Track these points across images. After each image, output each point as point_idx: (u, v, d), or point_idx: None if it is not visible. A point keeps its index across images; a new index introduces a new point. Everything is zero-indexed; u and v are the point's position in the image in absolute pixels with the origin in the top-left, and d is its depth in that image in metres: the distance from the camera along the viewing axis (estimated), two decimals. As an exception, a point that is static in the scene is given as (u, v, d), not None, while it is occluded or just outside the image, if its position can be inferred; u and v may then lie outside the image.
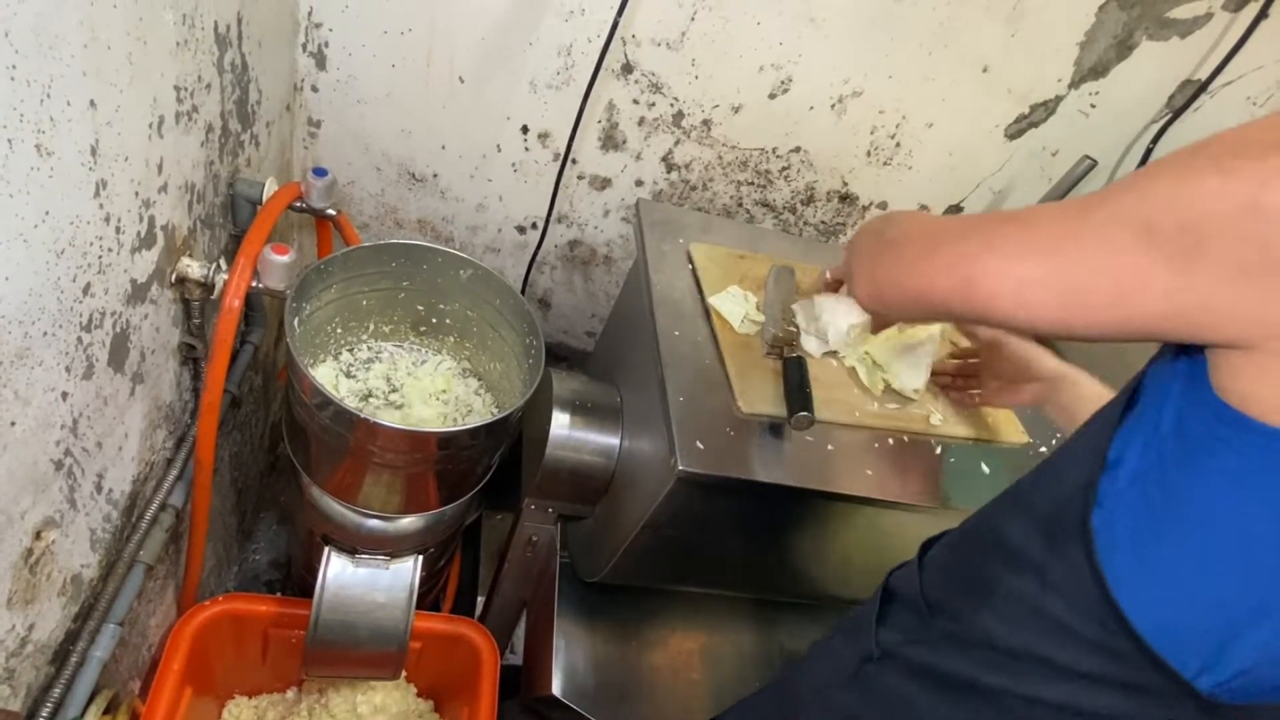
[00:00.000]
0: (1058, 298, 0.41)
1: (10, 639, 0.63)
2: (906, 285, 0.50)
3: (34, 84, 0.47)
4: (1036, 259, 0.42)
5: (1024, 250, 0.42)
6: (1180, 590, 0.41)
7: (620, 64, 1.02)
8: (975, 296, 0.44)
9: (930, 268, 0.48)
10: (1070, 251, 0.40)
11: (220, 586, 1.25)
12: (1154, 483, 0.42)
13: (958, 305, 0.46)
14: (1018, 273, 0.42)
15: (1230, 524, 0.39)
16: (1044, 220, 0.43)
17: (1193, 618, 0.41)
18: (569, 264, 1.28)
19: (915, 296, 0.50)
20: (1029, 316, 0.43)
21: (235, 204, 0.86)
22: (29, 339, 0.54)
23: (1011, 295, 0.43)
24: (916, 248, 0.50)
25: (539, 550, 1.04)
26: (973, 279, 0.44)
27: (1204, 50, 1.02)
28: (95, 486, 0.71)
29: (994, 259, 0.43)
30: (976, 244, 0.45)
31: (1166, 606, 0.41)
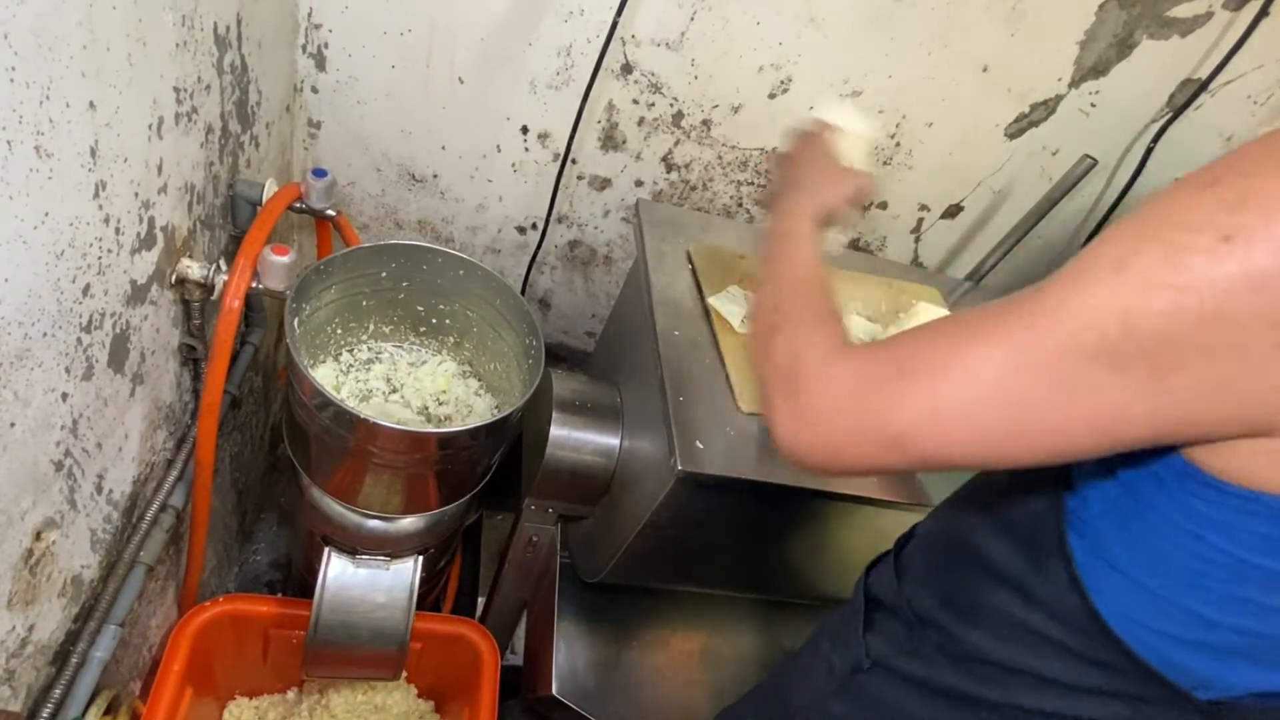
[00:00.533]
0: (1022, 444, 0.37)
1: (10, 640, 0.63)
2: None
3: (33, 85, 0.47)
4: (985, 413, 0.37)
5: (964, 407, 0.37)
6: (1166, 613, 0.40)
7: (620, 64, 1.02)
8: (915, 452, 0.39)
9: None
10: (1032, 404, 0.36)
11: (221, 587, 1.25)
12: (1127, 516, 0.41)
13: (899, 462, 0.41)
14: (962, 430, 0.38)
15: (1205, 562, 0.38)
16: (968, 361, 0.37)
17: (1183, 638, 0.40)
18: (569, 264, 1.28)
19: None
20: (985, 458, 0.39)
21: (235, 205, 0.87)
22: (29, 340, 0.54)
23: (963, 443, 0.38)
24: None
25: (539, 551, 1.04)
26: (906, 436, 0.39)
27: (1204, 49, 1.02)
28: (95, 487, 0.71)
29: (931, 420, 0.38)
30: (897, 394, 0.39)
31: (1158, 630, 0.41)
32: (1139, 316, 0.33)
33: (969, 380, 0.37)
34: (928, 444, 0.39)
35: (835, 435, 0.41)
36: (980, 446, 0.38)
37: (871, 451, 0.40)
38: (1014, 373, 0.36)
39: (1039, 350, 0.35)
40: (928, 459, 0.39)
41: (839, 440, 0.41)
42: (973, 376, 0.37)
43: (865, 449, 0.40)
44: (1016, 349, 0.36)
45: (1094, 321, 0.34)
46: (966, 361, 0.37)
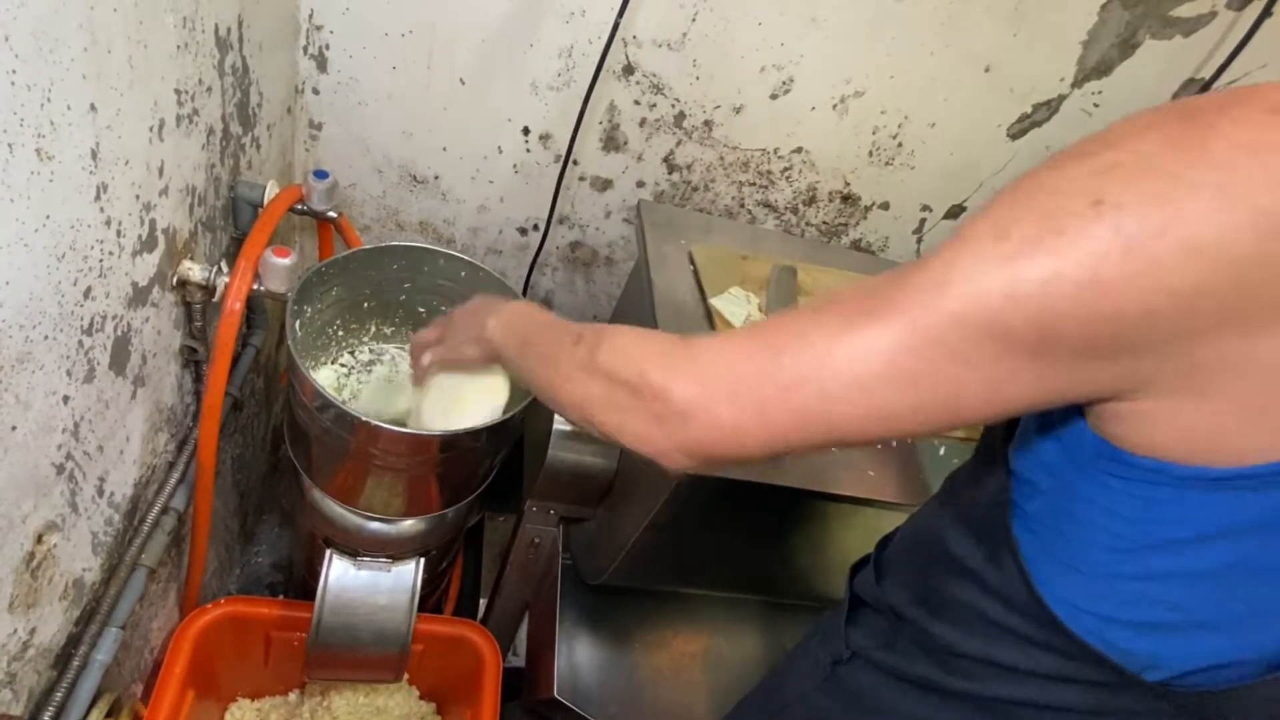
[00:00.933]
0: (915, 417, 0.37)
1: (12, 643, 0.63)
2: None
3: (34, 88, 0.47)
4: (879, 388, 0.36)
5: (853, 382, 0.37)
6: (1106, 599, 0.41)
7: (621, 65, 1.02)
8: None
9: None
10: (925, 379, 0.36)
11: (222, 589, 1.25)
12: (1056, 502, 0.41)
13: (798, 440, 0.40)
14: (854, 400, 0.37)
15: (1123, 539, 0.39)
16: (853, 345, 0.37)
17: (1117, 618, 0.40)
18: (570, 265, 1.28)
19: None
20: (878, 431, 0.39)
21: (236, 207, 0.86)
22: (30, 343, 0.53)
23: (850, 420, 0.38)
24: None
25: (541, 552, 1.03)
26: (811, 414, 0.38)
27: (1207, 49, 1.01)
28: (97, 490, 0.70)
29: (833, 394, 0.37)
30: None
31: (1096, 613, 0.41)
32: (1022, 284, 0.33)
33: (862, 356, 0.36)
34: (820, 423, 0.38)
35: (722, 421, 0.39)
36: (872, 422, 0.37)
37: (760, 436, 0.39)
38: (906, 349, 0.36)
39: (930, 326, 0.35)
40: (818, 437, 0.39)
41: (727, 427, 0.39)
42: (865, 352, 0.36)
43: (753, 432, 0.39)
44: (907, 325, 0.36)
45: (980, 292, 0.34)
46: (856, 338, 0.37)
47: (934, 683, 0.50)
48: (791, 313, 0.41)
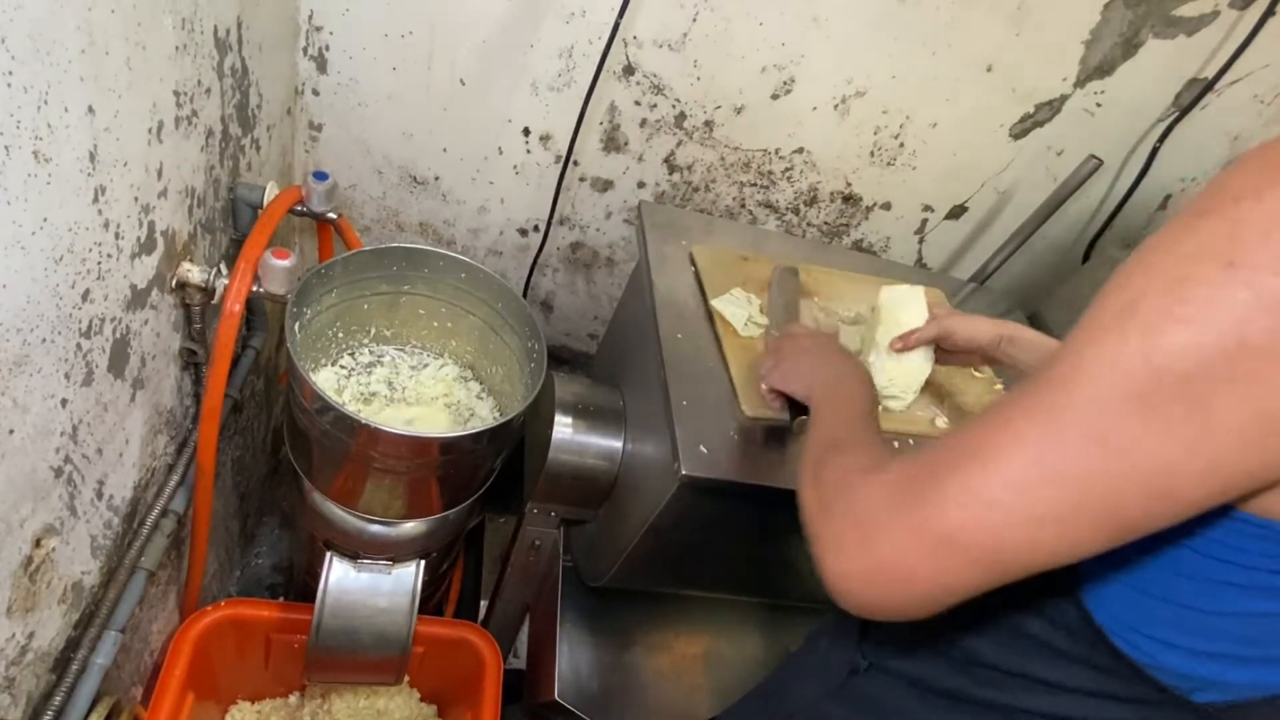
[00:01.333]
0: (1079, 521, 0.35)
1: (10, 647, 0.63)
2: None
3: (31, 90, 0.47)
4: (1031, 491, 0.35)
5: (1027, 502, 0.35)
6: (1170, 625, 0.40)
7: (622, 65, 1.01)
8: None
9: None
10: (1075, 473, 0.34)
11: (222, 591, 1.25)
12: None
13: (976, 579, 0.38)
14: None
15: (1225, 583, 0.38)
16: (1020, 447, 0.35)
17: (1184, 649, 0.40)
18: (571, 266, 1.27)
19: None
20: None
21: (236, 208, 0.86)
22: (27, 346, 0.53)
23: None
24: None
25: (542, 554, 1.03)
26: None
27: (1211, 48, 1.01)
28: (96, 493, 0.70)
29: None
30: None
31: (1153, 636, 0.40)
32: (1159, 355, 0.32)
33: (1007, 461, 0.35)
34: (983, 538, 0.36)
35: (882, 551, 0.38)
36: (1037, 530, 0.35)
37: (924, 562, 0.37)
38: (1050, 442, 0.34)
39: (1070, 413, 0.34)
40: (987, 558, 0.36)
41: (887, 556, 0.38)
42: (1010, 456, 0.35)
43: (916, 560, 0.38)
44: (1047, 417, 0.34)
45: (1117, 370, 0.33)
46: (1002, 442, 0.36)
47: (961, 693, 0.49)
48: (944, 436, 0.40)
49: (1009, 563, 0.37)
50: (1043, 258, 1.28)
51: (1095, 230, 1.21)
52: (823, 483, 0.46)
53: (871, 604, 0.40)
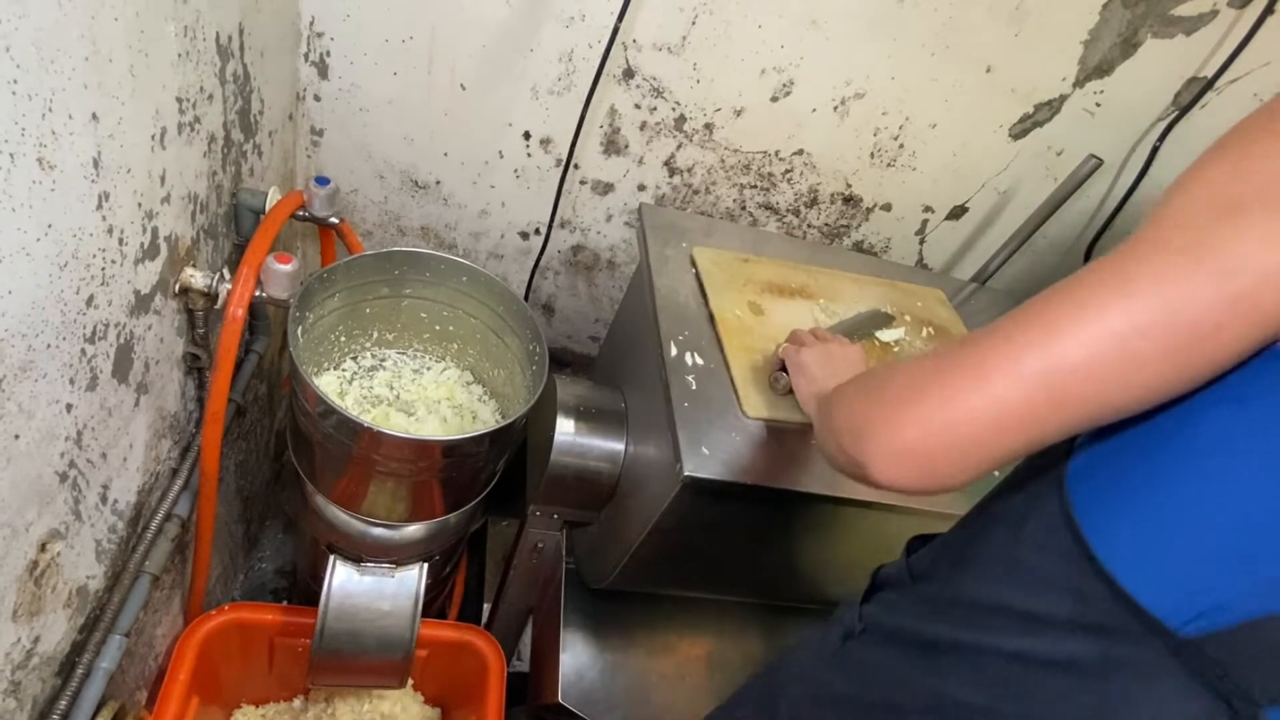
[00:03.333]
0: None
1: (16, 651, 0.63)
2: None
3: (35, 98, 0.47)
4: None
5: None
6: (1162, 543, 0.39)
7: (621, 69, 1.02)
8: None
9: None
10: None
11: (226, 595, 1.25)
12: (1141, 424, 0.41)
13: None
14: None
15: (1229, 467, 0.37)
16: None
17: (1175, 571, 0.39)
18: (572, 269, 1.28)
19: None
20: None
21: (238, 214, 0.87)
22: (32, 352, 0.54)
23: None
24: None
25: (545, 557, 1.03)
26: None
27: (1210, 47, 1.01)
28: (100, 498, 0.71)
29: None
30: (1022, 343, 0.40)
31: (1145, 559, 0.40)
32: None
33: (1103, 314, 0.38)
34: (1054, 399, 0.38)
35: (955, 422, 0.41)
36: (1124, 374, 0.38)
37: (989, 430, 0.40)
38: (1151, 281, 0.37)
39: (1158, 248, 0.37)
40: (1048, 421, 0.39)
41: (959, 425, 0.40)
42: (1107, 309, 0.38)
43: (983, 427, 0.40)
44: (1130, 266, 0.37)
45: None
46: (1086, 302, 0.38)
47: (940, 640, 0.50)
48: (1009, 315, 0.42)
49: (1061, 422, 0.40)
50: (1043, 258, 1.28)
51: (1096, 230, 1.21)
52: (865, 385, 0.48)
53: (921, 482, 0.43)
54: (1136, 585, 0.40)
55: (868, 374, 0.52)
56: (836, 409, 0.50)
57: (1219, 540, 0.38)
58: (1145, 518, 0.40)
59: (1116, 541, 0.41)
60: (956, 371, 0.42)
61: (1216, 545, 0.38)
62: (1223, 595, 0.38)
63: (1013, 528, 0.47)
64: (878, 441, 0.44)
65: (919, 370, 0.44)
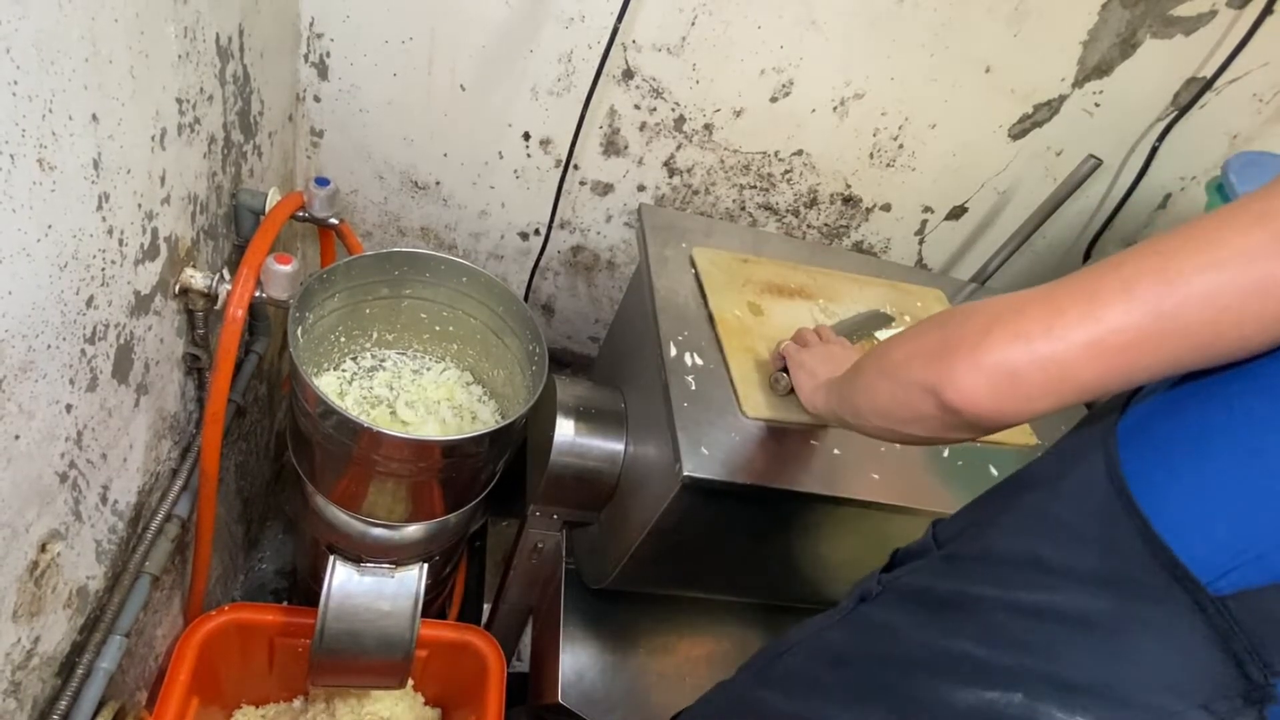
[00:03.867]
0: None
1: (16, 652, 0.63)
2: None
3: (36, 99, 0.47)
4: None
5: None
6: (1209, 494, 0.39)
7: (621, 70, 1.02)
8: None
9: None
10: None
11: (226, 596, 1.25)
12: (1205, 378, 0.40)
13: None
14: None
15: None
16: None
17: (1215, 522, 0.39)
18: (572, 270, 1.28)
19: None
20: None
21: (238, 214, 0.87)
22: (32, 352, 0.54)
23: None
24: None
25: (544, 557, 1.03)
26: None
27: (1209, 47, 1.01)
28: (100, 498, 0.71)
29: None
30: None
31: (1187, 509, 0.40)
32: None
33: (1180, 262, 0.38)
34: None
35: (1059, 342, 0.41)
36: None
37: (1089, 355, 0.40)
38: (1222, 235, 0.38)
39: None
40: (1150, 354, 0.39)
41: (1061, 345, 0.41)
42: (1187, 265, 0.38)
43: (1084, 350, 0.40)
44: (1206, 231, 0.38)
45: None
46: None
47: (955, 596, 0.49)
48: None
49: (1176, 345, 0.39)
50: (1043, 258, 1.28)
51: (1095, 230, 1.21)
52: (937, 320, 0.48)
53: (999, 401, 0.43)
54: (1174, 535, 0.39)
55: (937, 314, 0.52)
56: (901, 344, 0.51)
57: (1267, 493, 0.38)
58: (1196, 468, 0.40)
59: (1162, 493, 0.41)
60: (1065, 296, 0.42)
61: (1264, 498, 0.38)
62: (1261, 549, 0.37)
63: (1049, 484, 0.47)
64: (965, 358, 0.44)
65: (1017, 297, 0.44)
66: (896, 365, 0.50)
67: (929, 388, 0.46)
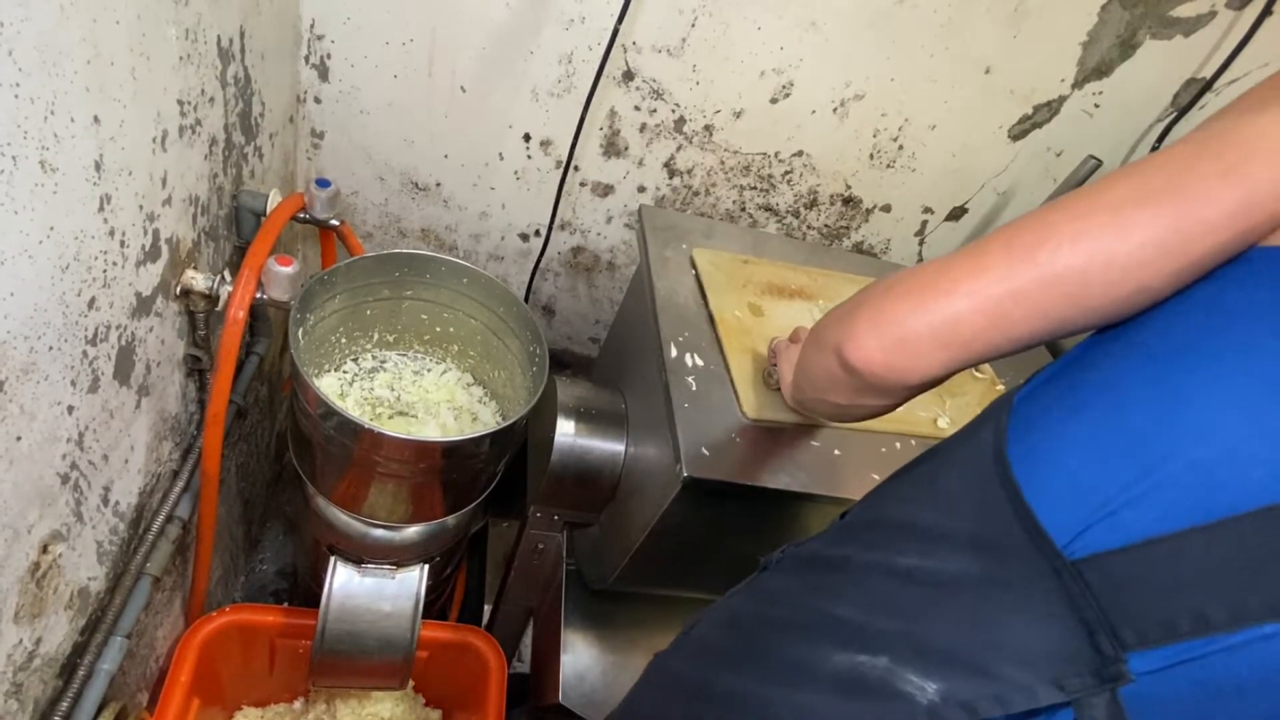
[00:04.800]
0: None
1: (18, 653, 0.63)
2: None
3: (37, 101, 0.48)
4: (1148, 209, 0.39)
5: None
6: (1072, 452, 0.40)
7: (621, 71, 1.02)
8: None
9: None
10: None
11: (227, 597, 1.25)
12: (1095, 345, 0.42)
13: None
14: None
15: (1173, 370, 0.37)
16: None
17: (1075, 481, 0.39)
18: (572, 271, 1.28)
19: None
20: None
21: (239, 216, 0.87)
22: (34, 354, 0.54)
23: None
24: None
25: (545, 558, 1.03)
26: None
27: (1208, 48, 1.01)
28: (102, 499, 0.71)
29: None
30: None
31: (1053, 469, 0.40)
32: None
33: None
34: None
35: (947, 305, 0.43)
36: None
37: (978, 318, 0.43)
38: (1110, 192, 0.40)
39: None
40: (1024, 321, 0.42)
41: (949, 309, 0.43)
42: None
43: (973, 314, 0.43)
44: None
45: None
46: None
47: (839, 560, 0.50)
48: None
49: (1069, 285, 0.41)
50: (1043, 258, 1.28)
51: (1095, 230, 1.21)
52: (863, 289, 0.51)
53: (892, 359, 0.46)
54: (1038, 497, 0.40)
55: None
56: (820, 321, 0.54)
57: (1120, 447, 0.37)
58: (1061, 430, 0.41)
59: (1033, 456, 0.41)
60: (957, 258, 0.44)
61: (1117, 452, 0.38)
62: (1112, 506, 0.37)
63: (944, 454, 0.49)
64: (864, 317, 0.47)
65: (923, 266, 0.47)
66: (818, 330, 0.53)
67: (835, 347, 0.48)
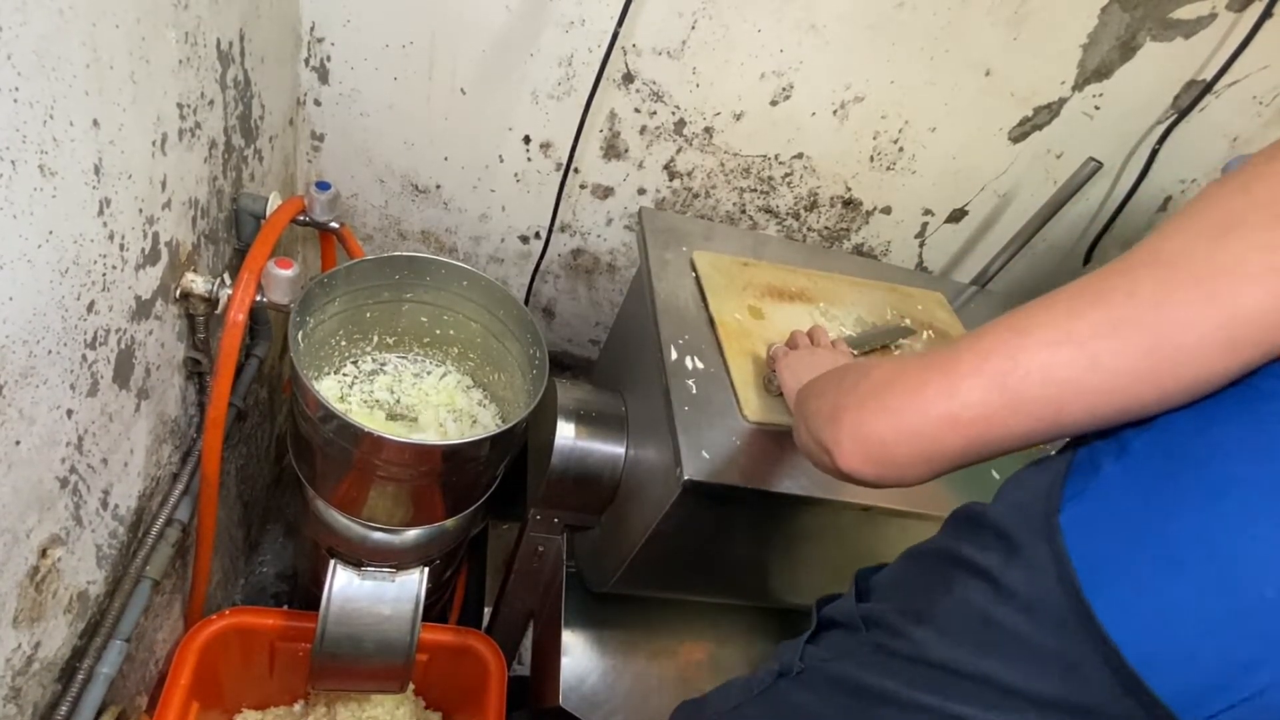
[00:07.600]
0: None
1: (17, 657, 0.63)
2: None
3: (37, 105, 0.48)
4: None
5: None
6: (1176, 608, 0.34)
7: (621, 73, 1.02)
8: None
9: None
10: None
11: (227, 600, 1.25)
12: (1160, 457, 0.36)
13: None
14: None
15: (1248, 505, 0.32)
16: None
17: (1193, 641, 0.34)
18: (572, 273, 1.28)
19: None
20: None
21: (239, 219, 0.87)
22: (33, 358, 0.54)
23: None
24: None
25: (545, 561, 1.03)
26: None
27: (1208, 50, 1.01)
28: (101, 503, 0.71)
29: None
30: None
31: (1156, 627, 0.34)
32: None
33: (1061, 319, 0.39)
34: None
35: (918, 415, 0.42)
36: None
37: (946, 427, 0.41)
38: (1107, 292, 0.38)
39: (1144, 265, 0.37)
40: (1005, 423, 0.40)
41: (921, 419, 0.42)
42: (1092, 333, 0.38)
43: (941, 424, 0.41)
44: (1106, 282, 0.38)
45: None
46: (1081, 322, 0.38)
47: (888, 694, 0.45)
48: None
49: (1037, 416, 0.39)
50: (1043, 260, 1.28)
51: (1096, 232, 1.21)
52: (841, 375, 0.50)
53: (875, 470, 0.45)
54: (1144, 661, 0.34)
55: (846, 366, 0.53)
56: (811, 397, 0.51)
57: (1248, 613, 0.33)
58: (1156, 574, 0.34)
59: (1123, 604, 0.35)
60: (933, 368, 0.43)
61: (1243, 618, 0.33)
62: (1260, 684, 0.33)
63: (989, 579, 0.41)
64: (846, 427, 0.45)
65: (897, 365, 0.45)
66: (806, 418, 0.51)
67: (825, 449, 0.47)
